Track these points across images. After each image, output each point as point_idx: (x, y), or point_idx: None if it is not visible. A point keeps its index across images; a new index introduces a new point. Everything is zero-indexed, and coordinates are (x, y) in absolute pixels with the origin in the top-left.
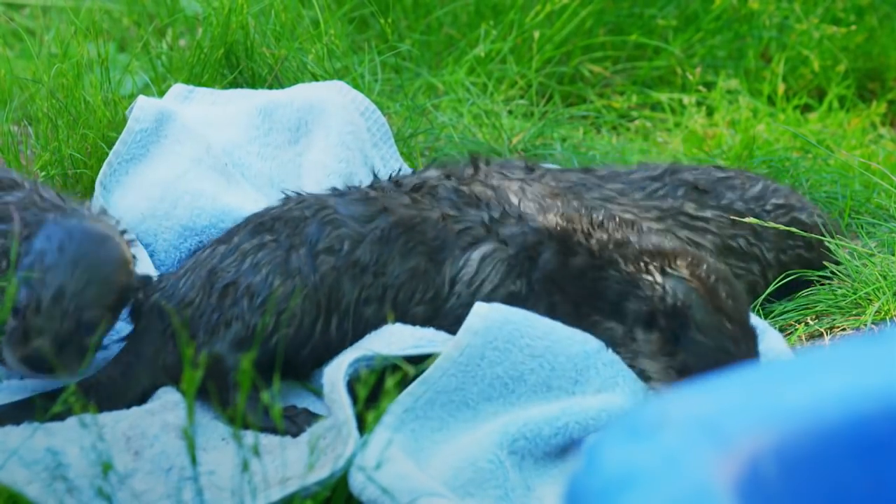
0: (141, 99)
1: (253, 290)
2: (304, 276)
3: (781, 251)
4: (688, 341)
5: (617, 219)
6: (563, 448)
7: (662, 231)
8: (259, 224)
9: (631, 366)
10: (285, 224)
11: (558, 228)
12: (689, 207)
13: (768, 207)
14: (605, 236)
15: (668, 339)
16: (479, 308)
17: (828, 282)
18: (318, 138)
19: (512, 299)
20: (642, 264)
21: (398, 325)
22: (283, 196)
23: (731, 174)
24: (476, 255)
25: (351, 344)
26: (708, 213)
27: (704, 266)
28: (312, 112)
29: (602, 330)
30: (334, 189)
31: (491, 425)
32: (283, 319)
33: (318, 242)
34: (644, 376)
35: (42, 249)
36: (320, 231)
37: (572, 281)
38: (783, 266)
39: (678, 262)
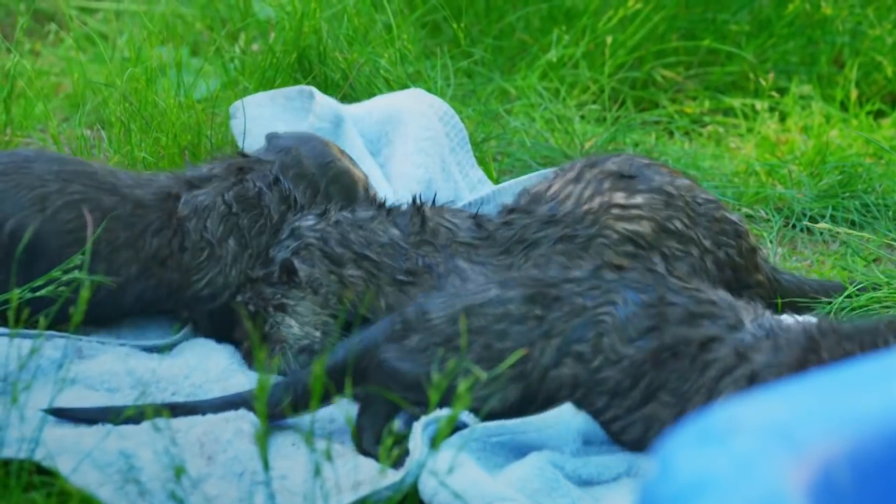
0: (318, 95)
1: (482, 353)
2: (540, 368)
3: (716, 244)
4: None
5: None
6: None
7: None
8: (540, 293)
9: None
10: (562, 307)
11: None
12: (619, 198)
13: (699, 200)
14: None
15: None
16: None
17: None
18: (398, 147)
19: None
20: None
21: None
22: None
23: (654, 162)
24: (726, 391)
25: None
26: (639, 199)
27: None
28: (391, 123)
29: None
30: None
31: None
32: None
33: (573, 343)
34: None
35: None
36: (584, 331)
37: None
38: (718, 262)
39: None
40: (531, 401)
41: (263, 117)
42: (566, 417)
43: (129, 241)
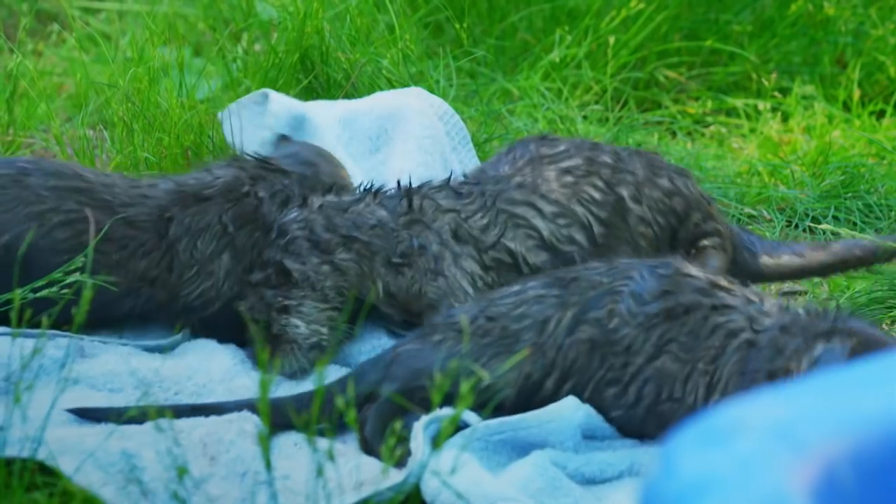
0: (272, 96)
1: (500, 333)
2: (556, 337)
3: (653, 172)
4: None
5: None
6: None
7: None
8: (558, 278)
9: None
10: (578, 285)
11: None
12: (545, 150)
13: (628, 153)
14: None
15: None
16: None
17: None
18: (398, 144)
19: None
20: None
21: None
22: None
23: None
24: (731, 360)
25: None
26: (563, 146)
27: None
28: (392, 119)
29: None
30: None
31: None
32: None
33: (590, 311)
34: None
35: None
36: (600, 300)
37: None
38: (663, 188)
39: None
40: (546, 375)
41: (244, 127)
42: (567, 412)
43: (121, 261)
